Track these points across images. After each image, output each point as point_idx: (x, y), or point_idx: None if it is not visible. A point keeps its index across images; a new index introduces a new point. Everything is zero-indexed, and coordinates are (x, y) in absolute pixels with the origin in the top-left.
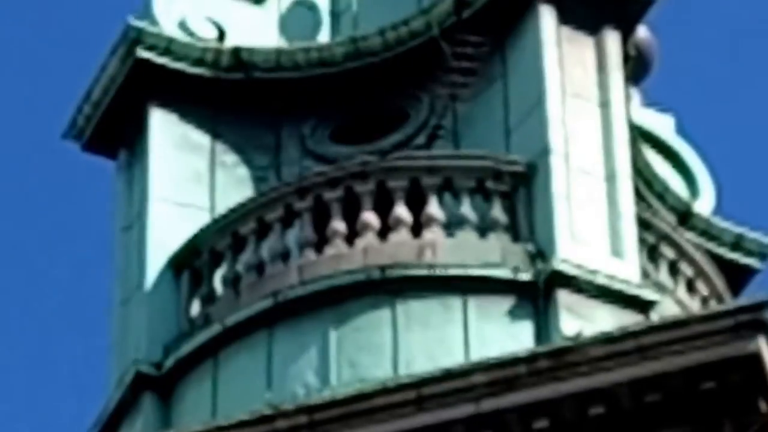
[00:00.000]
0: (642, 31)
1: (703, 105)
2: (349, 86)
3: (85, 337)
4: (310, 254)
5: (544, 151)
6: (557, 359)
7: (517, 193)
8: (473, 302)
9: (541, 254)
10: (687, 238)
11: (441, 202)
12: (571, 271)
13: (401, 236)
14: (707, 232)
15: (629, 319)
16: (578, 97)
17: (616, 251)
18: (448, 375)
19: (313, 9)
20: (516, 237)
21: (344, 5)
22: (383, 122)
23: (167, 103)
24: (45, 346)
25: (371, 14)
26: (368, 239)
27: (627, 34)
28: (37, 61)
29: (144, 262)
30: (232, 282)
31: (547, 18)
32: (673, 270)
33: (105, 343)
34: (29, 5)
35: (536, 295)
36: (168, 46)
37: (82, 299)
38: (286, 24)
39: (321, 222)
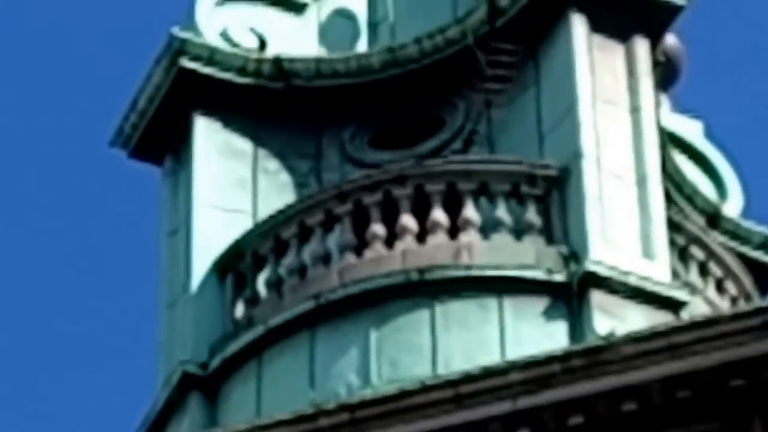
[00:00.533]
0: (670, 39)
1: (730, 110)
2: (387, 94)
3: (132, 339)
4: (351, 257)
5: (577, 156)
6: (591, 358)
7: (550, 196)
8: (509, 303)
9: (574, 256)
10: (716, 239)
11: (477, 205)
12: (604, 272)
13: (439, 239)
14: (735, 233)
15: (660, 318)
16: (609, 103)
17: (648, 253)
18: (486, 373)
19: (352, 19)
20: (550, 239)
21: (382, 15)
22: (420, 128)
23: (211, 111)
24: (93, 348)
25: (408, 23)
26: (407, 242)
27: (656, 41)
28: (85, 71)
29: (189, 265)
30: (275, 285)
31: (578, 26)
32: (703, 271)
33: (150, 344)
34: (77, 17)
35: (570, 296)
36: (211, 56)
37: (128, 302)
38: (325, 33)
39: (361, 226)
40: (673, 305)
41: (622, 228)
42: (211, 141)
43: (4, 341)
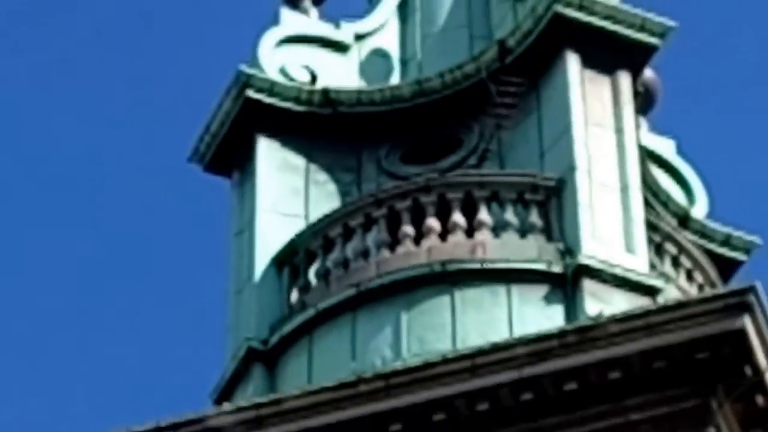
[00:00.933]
0: (648, 73)
1: (698, 131)
2: (415, 118)
3: (202, 322)
4: (385, 252)
5: (571, 169)
6: (582, 335)
7: (549, 202)
8: (515, 290)
9: (569, 251)
10: (686, 237)
11: (489, 210)
12: (594, 264)
13: (457, 237)
14: (702, 232)
15: (640, 302)
16: (598, 126)
17: (630, 248)
18: (496, 348)
19: (386, 57)
20: (549, 237)
21: (411, 54)
22: (442, 147)
23: (271, 133)
24: (174, 328)
25: (432, 60)
26: (431, 240)
27: (636, 75)
28: (169, 100)
29: (253, 260)
30: (323, 275)
31: (572, 63)
32: (675, 263)
33: (220, 325)
34: (163, 57)
35: (565, 284)
36: (271, 88)
37: (205, 291)
38: (364, 69)
39: (394, 227)
40: (651, 291)
41: (608, 228)
42: (271, 158)
43: (108, 324)
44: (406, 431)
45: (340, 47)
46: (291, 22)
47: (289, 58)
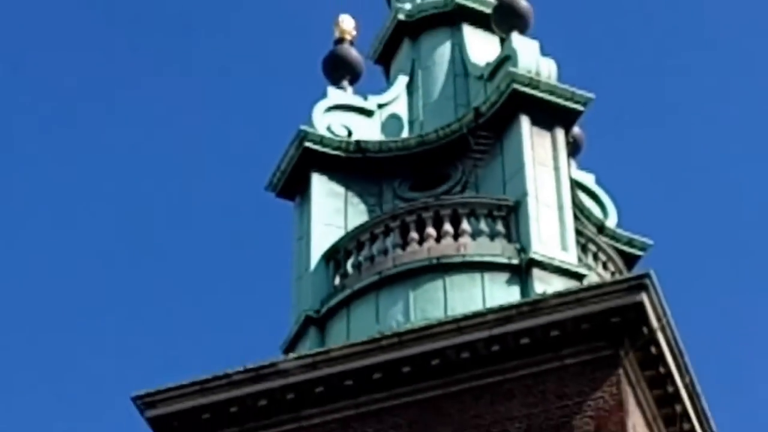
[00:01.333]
0: (576, 129)
1: (610, 168)
2: (418, 160)
3: (275, 300)
4: (399, 251)
5: (524, 194)
6: (533, 306)
7: (509, 216)
8: (487, 276)
9: (523, 250)
10: (602, 240)
11: (469, 222)
12: (540, 258)
13: (447, 241)
14: (613, 236)
15: (571, 284)
16: (542, 165)
17: (564, 247)
18: (474, 315)
19: (399, 119)
20: (509, 240)
21: (415, 116)
22: (437, 179)
23: (321, 171)
24: (257, 306)
25: (430, 121)
26: (430, 243)
27: (568, 130)
28: (252, 149)
29: (309, 256)
30: (357, 266)
31: (525, 122)
32: (595, 257)
33: (285, 303)
34: (250, 119)
35: (521, 272)
36: (321, 140)
37: (277, 279)
38: (384, 127)
39: (404, 234)
40: (579, 277)
41: (549, 234)
42: (321, 188)
43: (213, 309)
44: (413, 372)
45: (367, 112)
46: (334, 95)
47: (333, 120)
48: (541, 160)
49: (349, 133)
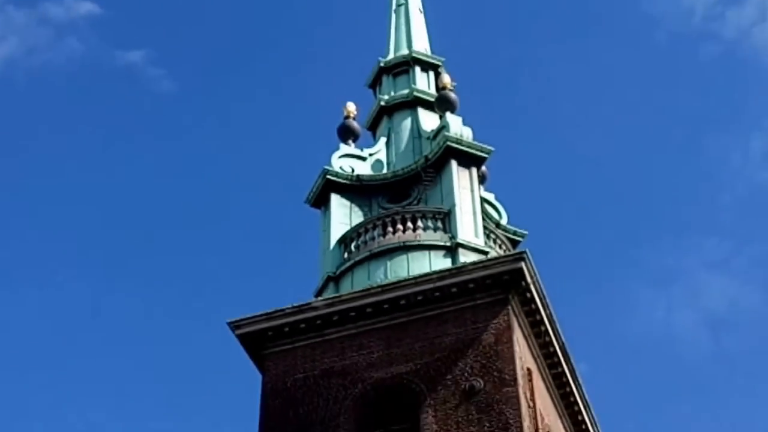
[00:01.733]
0: (483, 167)
1: (503, 189)
2: (392, 186)
3: (308, 269)
4: (380, 238)
5: (453, 205)
6: (458, 270)
7: (445, 218)
8: (432, 253)
9: (453, 237)
10: (499, 231)
11: (421, 221)
12: (462, 242)
13: (409, 232)
14: (504, 228)
15: (481, 257)
16: (464, 189)
17: (476, 235)
18: (425, 275)
19: (381, 162)
20: (445, 231)
21: (390, 160)
22: (403, 196)
23: (336, 192)
24: (296, 273)
25: (399, 163)
26: (399, 234)
27: (479, 168)
28: (295, 179)
29: (329, 241)
30: (357, 247)
31: (454, 164)
32: (494, 241)
33: (314, 269)
34: (289, 161)
35: (452, 250)
36: (336, 174)
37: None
38: (372, 167)
39: (384, 228)
40: (485, 253)
41: (467, 228)
42: (336, 202)
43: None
44: (389, 308)
45: (362, 158)
46: (344, 148)
47: (343, 163)
48: (463, 185)
49: (352, 170)
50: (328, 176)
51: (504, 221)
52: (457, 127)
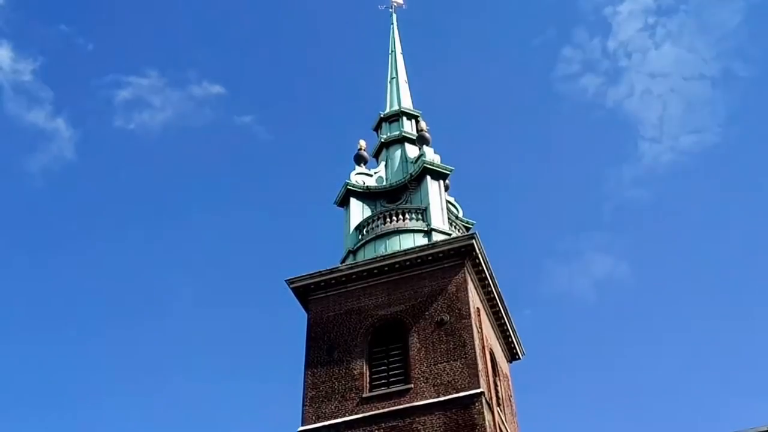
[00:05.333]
0: (448, 181)
1: (464, 195)
2: (390, 193)
3: (336, 245)
4: (382, 225)
5: (428, 205)
6: (432, 245)
7: (424, 212)
8: (416, 234)
9: (429, 224)
10: (457, 220)
11: (409, 214)
12: (435, 228)
13: (400, 221)
14: (462, 219)
15: (446, 237)
16: (435, 195)
17: (443, 223)
18: (411, 248)
19: (382, 178)
20: (424, 221)
21: (388, 176)
22: (396, 200)
23: (354, 197)
24: (326, 250)
25: (394, 177)
26: (394, 222)
27: (445, 181)
28: (325, 190)
29: (349, 228)
30: (367, 231)
31: (430, 178)
32: (455, 227)
33: (339, 244)
34: (317, 175)
35: (429, 233)
36: (355, 185)
37: (334, 240)
38: (377, 181)
39: (384, 219)
40: (449, 234)
41: (439, 217)
42: (354, 203)
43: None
44: (387, 270)
45: (370, 175)
46: (358, 169)
47: (358, 178)
48: (434, 192)
49: (364, 183)
50: (349, 186)
51: (461, 214)
52: (431, 155)
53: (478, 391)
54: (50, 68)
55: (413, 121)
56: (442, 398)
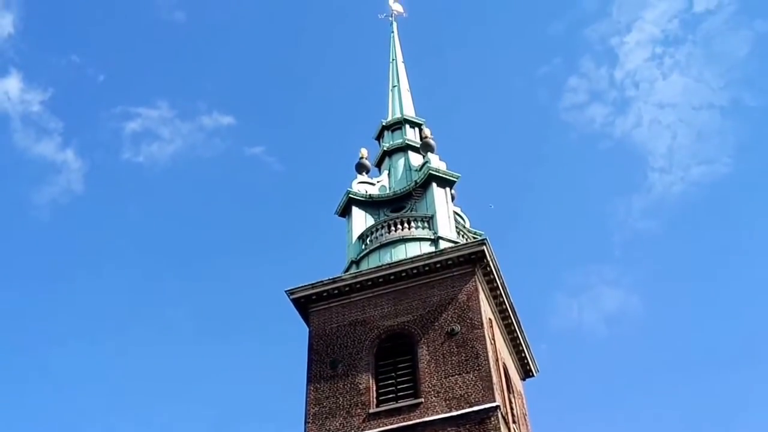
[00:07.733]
0: (454, 189)
1: (469, 206)
2: (394, 201)
3: (339, 255)
4: (386, 234)
5: (434, 212)
6: (440, 252)
7: (430, 220)
8: (422, 243)
9: (435, 232)
10: (464, 229)
11: (414, 222)
12: (442, 236)
13: (406, 229)
14: (469, 229)
15: (453, 244)
16: (441, 202)
17: (451, 231)
18: (417, 257)
19: (385, 186)
20: (430, 229)
21: (392, 185)
22: (401, 208)
23: (356, 206)
24: (328, 259)
25: (398, 186)
26: (399, 231)
27: (451, 188)
28: (327, 198)
29: (352, 237)
30: (371, 240)
31: (435, 185)
32: (462, 236)
33: (342, 253)
34: (320, 186)
35: (435, 240)
36: (357, 194)
37: (338, 250)
38: (380, 189)
39: (389, 227)
40: (456, 242)
41: (444, 226)
42: (356, 212)
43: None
44: (394, 278)
45: (372, 184)
46: (360, 178)
47: (360, 187)
48: (441, 199)
49: (366, 192)
50: (350, 195)
51: (468, 225)
52: (436, 161)
53: (494, 404)
54: (60, 99)
55: (416, 129)
56: (454, 413)
